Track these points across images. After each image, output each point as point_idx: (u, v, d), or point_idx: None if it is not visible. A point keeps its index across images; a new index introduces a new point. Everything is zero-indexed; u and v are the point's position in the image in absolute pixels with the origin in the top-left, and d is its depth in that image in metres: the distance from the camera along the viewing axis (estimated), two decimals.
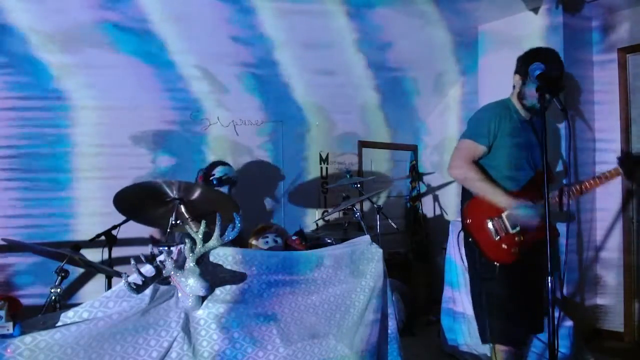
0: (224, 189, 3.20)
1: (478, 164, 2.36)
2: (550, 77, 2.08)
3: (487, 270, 2.36)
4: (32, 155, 3.12)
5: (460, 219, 2.55)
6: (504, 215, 2.31)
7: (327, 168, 4.61)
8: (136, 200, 2.42)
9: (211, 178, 3.20)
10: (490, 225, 2.32)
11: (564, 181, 2.30)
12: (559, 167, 3.59)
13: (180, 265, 1.74)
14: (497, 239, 2.30)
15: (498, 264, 2.30)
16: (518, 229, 2.29)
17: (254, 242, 2.67)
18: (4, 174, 3.02)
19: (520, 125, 2.36)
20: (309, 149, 4.50)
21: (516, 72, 2.38)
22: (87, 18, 2.96)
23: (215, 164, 3.31)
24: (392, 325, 2.29)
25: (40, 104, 3.14)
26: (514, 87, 2.43)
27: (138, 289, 1.64)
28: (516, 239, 2.27)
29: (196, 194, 2.40)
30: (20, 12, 2.78)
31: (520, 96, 2.36)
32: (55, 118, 3.21)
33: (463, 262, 3.27)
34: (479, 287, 2.43)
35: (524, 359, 2.85)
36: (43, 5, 2.80)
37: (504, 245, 2.28)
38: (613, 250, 3.97)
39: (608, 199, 3.99)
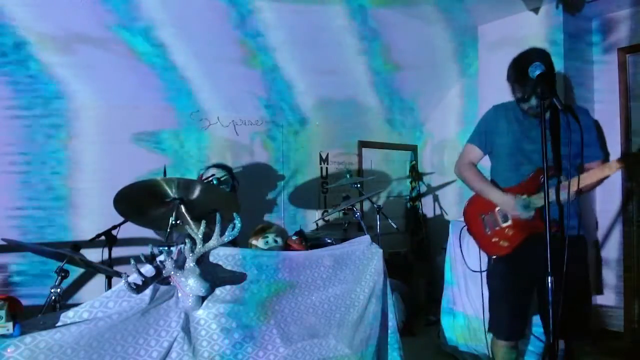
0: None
1: (475, 166, 2.55)
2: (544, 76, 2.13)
3: (487, 264, 2.54)
4: (31, 154, 3.12)
5: (460, 219, 2.69)
6: (496, 210, 2.43)
7: (327, 168, 4.61)
8: (136, 201, 2.42)
9: (210, 179, 3.18)
10: (482, 220, 2.47)
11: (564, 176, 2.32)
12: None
13: (180, 265, 1.74)
14: (488, 232, 2.44)
15: (494, 257, 2.44)
16: (509, 222, 2.37)
17: (254, 242, 2.66)
18: (4, 173, 3.02)
19: (523, 124, 2.39)
20: (309, 149, 4.50)
21: (507, 79, 2.41)
22: (87, 18, 2.96)
23: (214, 167, 3.29)
24: (392, 325, 2.29)
25: (40, 104, 3.14)
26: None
27: (138, 289, 1.63)
28: (507, 232, 2.37)
29: (196, 192, 2.40)
30: (20, 12, 2.78)
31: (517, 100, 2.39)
32: (55, 118, 3.21)
33: (464, 260, 3.29)
34: (487, 280, 2.60)
35: (520, 353, 2.91)
36: (43, 5, 2.80)
37: (494, 239, 2.41)
38: (613, 250, 3.97)
39: (608, 199, 3.99)
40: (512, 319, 2.38)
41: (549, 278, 1.82)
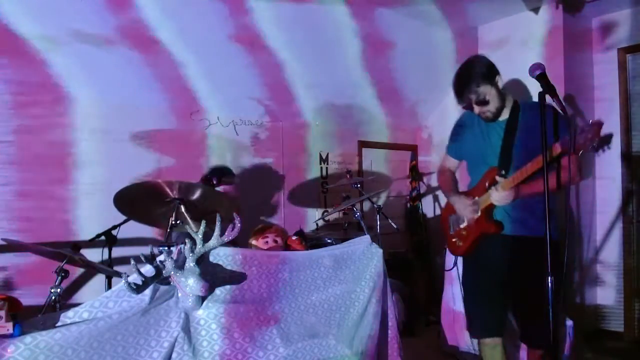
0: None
1: (452, 172, 2.73)
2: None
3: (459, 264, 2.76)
4: (31, 154, 3.11)
5: None
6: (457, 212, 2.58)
7: (327, 168, 4.61)
8: (136, 200, 2.42)
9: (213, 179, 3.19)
10: (449, 221, 2.63)
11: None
12: None
13: (180, 265, 1.74)
14: (451, 233, 2.61)
15: (456, 257, 2.67)
16: (465, 223, 2.50)
17: (254, 242, 2.67)
18: (4, 173, 3.02)
19: (482, 129, 2.48)
20: (309, 149, 4.50)
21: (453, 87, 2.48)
22: (87, 17, 2.96)
23: (221, 172, 3.28)
24: (392, 325, 2.30)
25: (40, 104, 3.14)
26: None
27: (138, 289, 1.64)
28: (462, 232, 2.51)
29: (196, 194, 2.40)
30: (21, 12, 2.78)
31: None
32: (55, 117, 3.20)
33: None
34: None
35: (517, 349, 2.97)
36: (43, 4, 2.80)
37: (454, 239, 2.58)
38: (613, 250, 3.97)
39: (608, 199, 3.99)
40: (481, 316, 2.46)
41: (549, 278, 1.82)
